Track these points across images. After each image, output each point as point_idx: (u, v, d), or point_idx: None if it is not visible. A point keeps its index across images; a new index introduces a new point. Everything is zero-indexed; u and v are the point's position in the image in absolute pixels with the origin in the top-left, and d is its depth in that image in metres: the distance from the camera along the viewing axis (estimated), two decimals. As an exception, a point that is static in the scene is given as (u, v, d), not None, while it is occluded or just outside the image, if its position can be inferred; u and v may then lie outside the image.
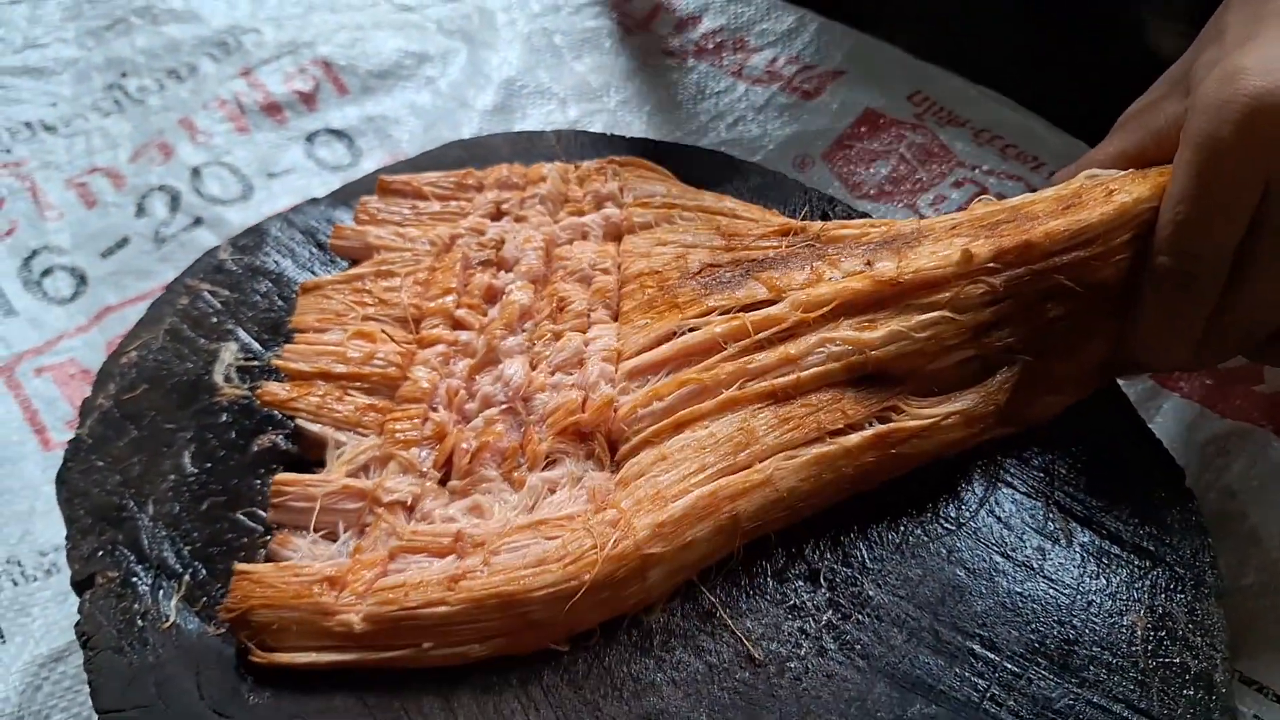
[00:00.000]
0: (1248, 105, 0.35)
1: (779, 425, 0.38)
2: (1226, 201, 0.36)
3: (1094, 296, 0.40)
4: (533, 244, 0.47)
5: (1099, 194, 0.40)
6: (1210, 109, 0.36)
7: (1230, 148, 0.35)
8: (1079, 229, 0.40)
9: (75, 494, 0.41)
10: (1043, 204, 0.41)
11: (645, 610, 0.37)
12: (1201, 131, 0.36)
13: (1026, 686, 0.35)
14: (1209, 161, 0.36)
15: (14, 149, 0.64)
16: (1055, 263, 0.40)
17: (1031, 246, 0.39)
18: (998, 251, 0.40)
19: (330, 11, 0.75)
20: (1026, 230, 0.40)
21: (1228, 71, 0.36)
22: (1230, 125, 0.35)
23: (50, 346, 0.56)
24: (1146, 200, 0.39)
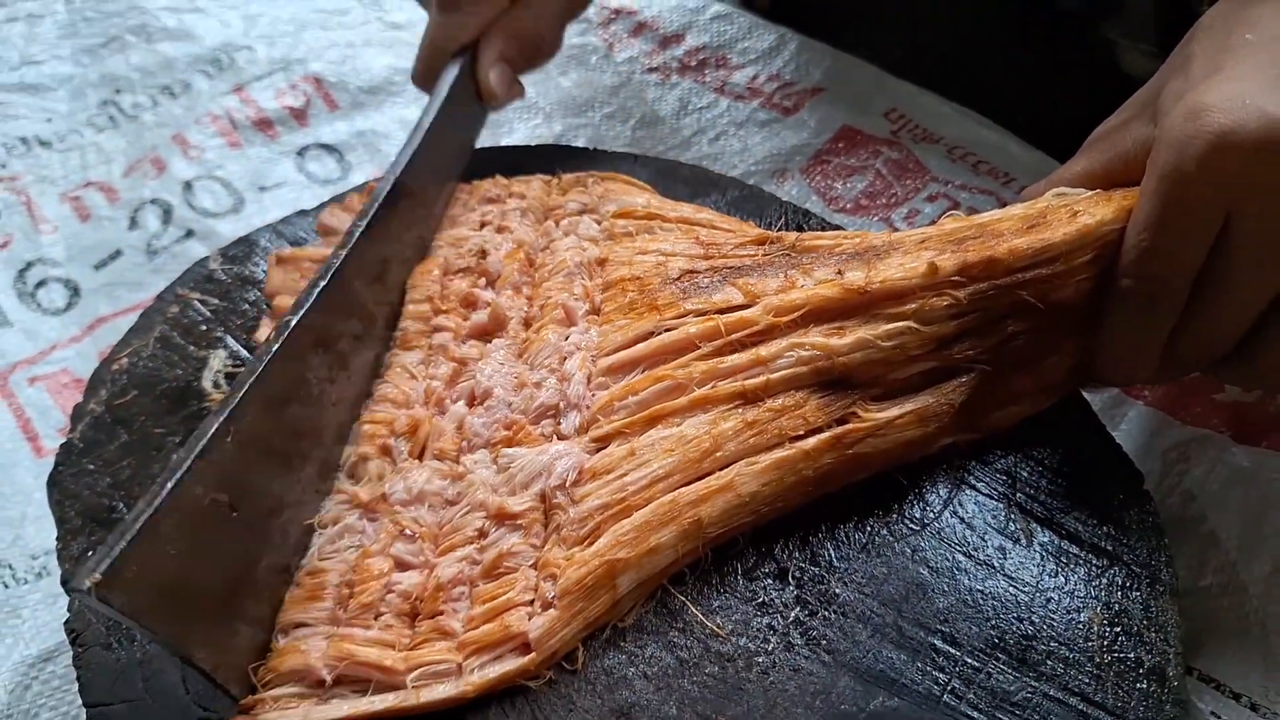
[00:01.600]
0: (1211, 141, 0.36)
1: (744, 430, 0.40)
2: (1188, 230, 0.37)
3: (1055, 314, 0.41)
4: (515, 256, 0.48)
5: (1064, 214, 0.42)
6: (1176, 143, 0.37)
7: (1194, 180, 0.36)
8: (1042, 247, 0.41)
9: (66, 496, 0.42)
10: (1009, 222, 0.43)
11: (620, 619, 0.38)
12: (1167, 164, 0.37)
13: (986, 680, 0.36)
14: (1173, 192, 0.37)
15: (10, 164, 0.66)
16: (1018, 279, 0.41)
17: (995, 262, 0.41)
18: (962, 266, 0.41)
19: (322, 29, 0.76)
20: (991, 246, 0.41)
21: (1193, 107, 0.37)
22: (1194, 160, 0.36)
23: (43, 356, 0.57)
24: (1109, 223, 0.41)
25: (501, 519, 0.39)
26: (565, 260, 0.47)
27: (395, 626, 0.37)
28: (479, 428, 0.42)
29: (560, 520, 0.38)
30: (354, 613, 0.37)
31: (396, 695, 0.35)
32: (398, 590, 0.38)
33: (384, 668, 0.36)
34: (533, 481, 0.39)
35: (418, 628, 0.37)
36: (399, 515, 0.39)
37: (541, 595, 0.37)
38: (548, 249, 0.49)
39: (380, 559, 0.38)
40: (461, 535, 0.39)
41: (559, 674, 0.36)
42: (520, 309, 0.46)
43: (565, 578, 0.37)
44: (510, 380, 0.43)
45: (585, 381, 0.42)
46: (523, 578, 0.37)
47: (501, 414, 0.42)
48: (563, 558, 0.37)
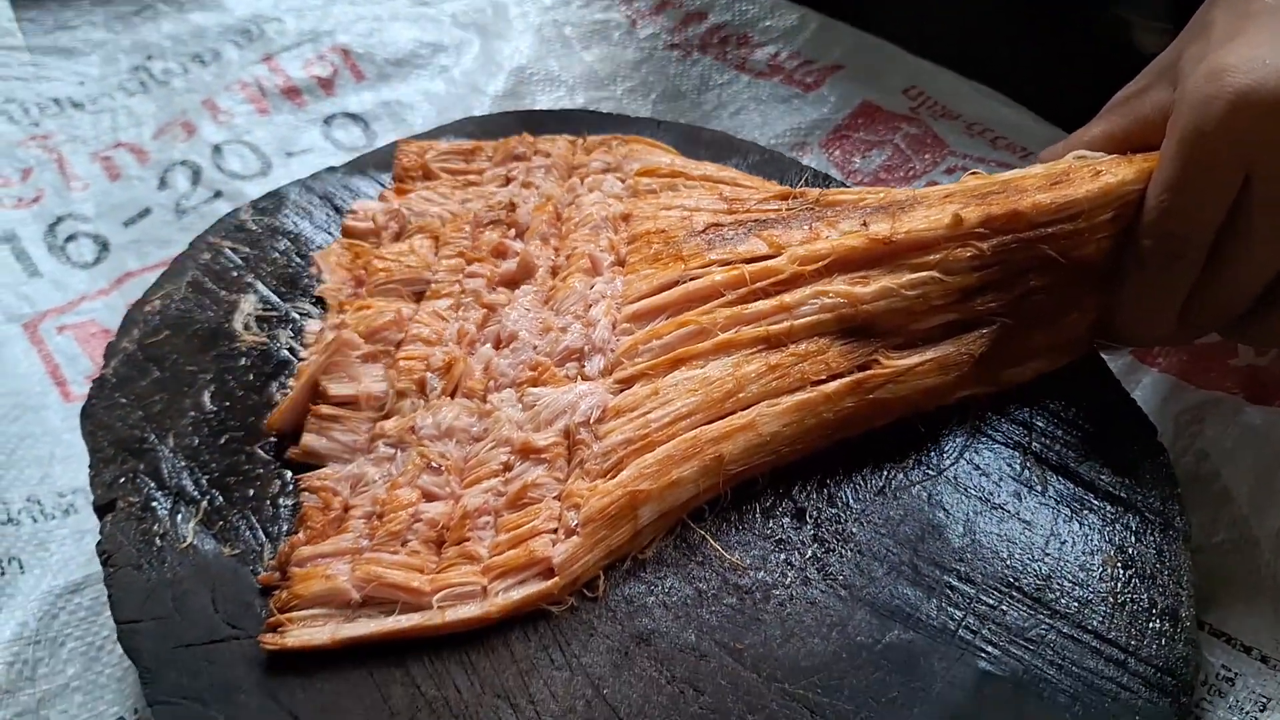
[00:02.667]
0: (1231, 101, 0.37)
1: (767, 373, 0.40)
2: (1209, 190, 0.38)
3: (1076, 270, 0.42)
4: (543, 209, 0.49)
5: (1086, 174, 0.42)
6: (1197, 104, 0.38)
7: (1214, 140, 0.37)
8: (1065, 203, 0.42)
9: (99, 427, 0.43)
10: (1032, 179, 0.43)
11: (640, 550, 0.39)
12: (1188, 125, 0.38)
13: (1001, 617, 0.37)
14: (1194, 153, 0.38)
15: (42, 123, 0.67)
16: (1041, 233, 0.42)
17: (1019, 216, 0.42)
18: (986, 218, 0.42)
19: (350, 4, 0.77)
20: (1015, 201, 0.42)
21: (1213, 69, 0.38)
22: (1215, 120, 0.37)
23: (72, 307, 0.58)
24: (1131, 183, 0.41)
25: (526, 453, 0.40)
26: (591, 214, 0.48)
27: (422, 553, 0.38)
28: (505, 368, 0.43)
29: (584, 455, 0.39)
30: (381, 540, 0.38)
31: (422, 615, 0.36)
32: (424, 519, 0.39)
33: (411, 589, 0.36)
34: (557, 418, 0.40)
35: (444, 554, 0.38)
36: (426, 449, 0.40)
37: (565, 524, 0.37)
38: (573, 204, 0.50)
39: (408, 490, 0.39)
40: (487, 469, 0.40)
41: (580, 601, 0.37)
42: (548, 259, 0.47)
43: (589, 506, 0.37)
44: (536, 325, 0.44)
45: (610, 327, 0.43)
46: (546, 508, 0.38)
47: (527, 356, 0.43)
48: (586, 488, 0.38)
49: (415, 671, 0.35)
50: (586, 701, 0.35)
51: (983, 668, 0.35)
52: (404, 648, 0.36)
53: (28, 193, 0.63)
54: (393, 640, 0.36)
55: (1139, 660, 0.36)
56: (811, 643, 0.36)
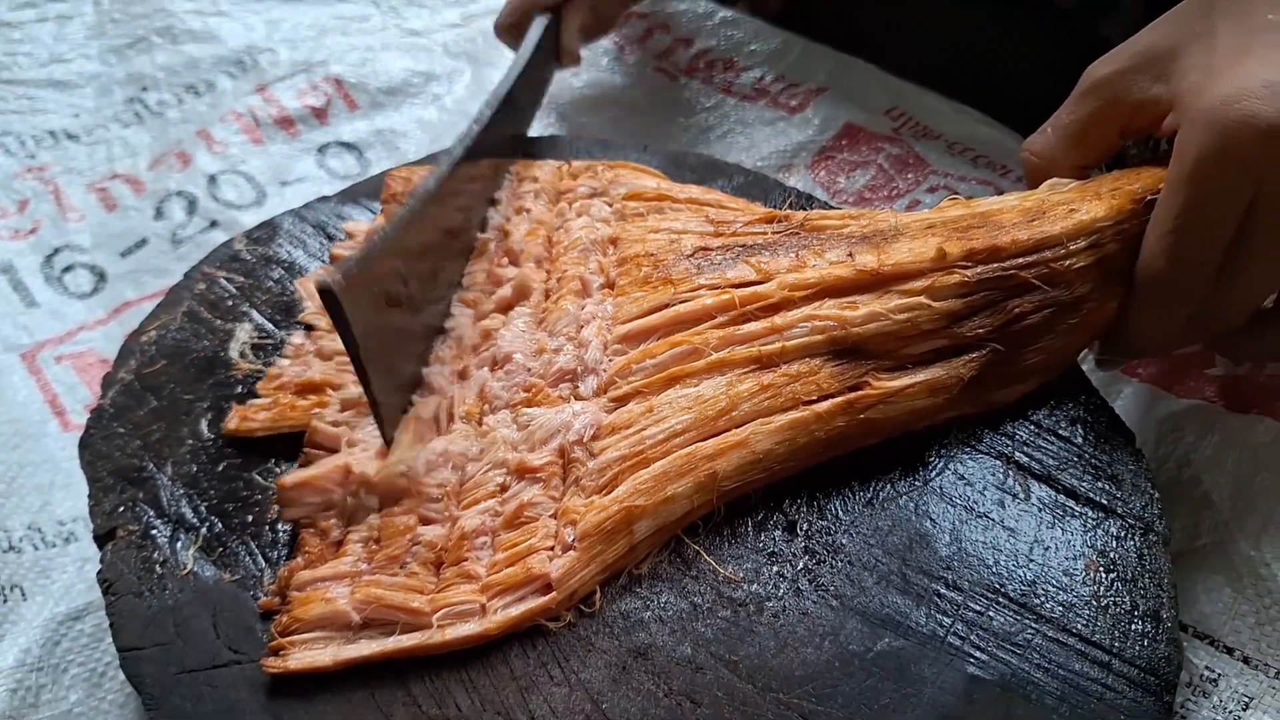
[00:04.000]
0: (1247, 129, 0.37)
1: (760, 392, 0.41)
2: (1220, 213, 0.39)
3: (1058, 295, 0.43)
4: (535, 234, 0.50)
5: (1062, 210, 0.44)
6: (1212, 130, 0.38)
7: (1228, 166, 0.38)
8: (1042, 238, 0.43)
9: (97, 457, 0.44)
10: (1009, 213, 0.45)
11: (636, 565, 0.39)
12: (1203, 150, 0.38)
13: (988, 622, 0.37)
14: (1208, 178, 0.39)
15: (38, 155, 0.68)
16: (1021, 262, 0.43)
17: (999, 250, 0.43)
18: (968, 252, 0.43)
19: (342, 35, 0.79)
20: (995, 236, 0.43)
21: (1228, 94, 0.38)
22: (1230, 147, 0.38)
23: (70, 337, 0.59)
24: (1103, 219, 0.43)
25: (522, 474, 0.40)
26: (580, 238, 0.49)
27: (420, 574, 0.38)
28: (499, 390, 0.43)
29: (579, 473, 0.40)
30: (380, 564, 0.39)
31: (422, 634, 0.37)
32: (422, 542, 0.39)
33: (410, 609, 0.37)
34: (552, 438, 0.41)
35: (442, 575, 0.38)
36: (424, 480, 0.41)
37: (561, 540, 0.38)
38: (562, 228, 0.50)
39: (405, 516, 0.40)
40: (484, 490, 0.40)
41: (578, 617, 0.38)
42: (541, 281, 0.48)
43: (585, 522, 0.38)
44: (530, 346, 0.45)
45: (602, 348, 0.44)
46: (543, 526, 0.39)
47: (521, 378, 0.44)
48: (582, 505, 0.39)
49: (416, 691, 0.36)
50: (586, 716, 0.35)
51: (971, 672, 0.36)
52: (405, 668, 0.37)
53: (25, 224, 0.64)
54: (394, 660, 0.37)
55: (1123, 661, 0.36)
56: (805, 652, 0.37)
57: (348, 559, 0.39)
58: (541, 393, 0.43)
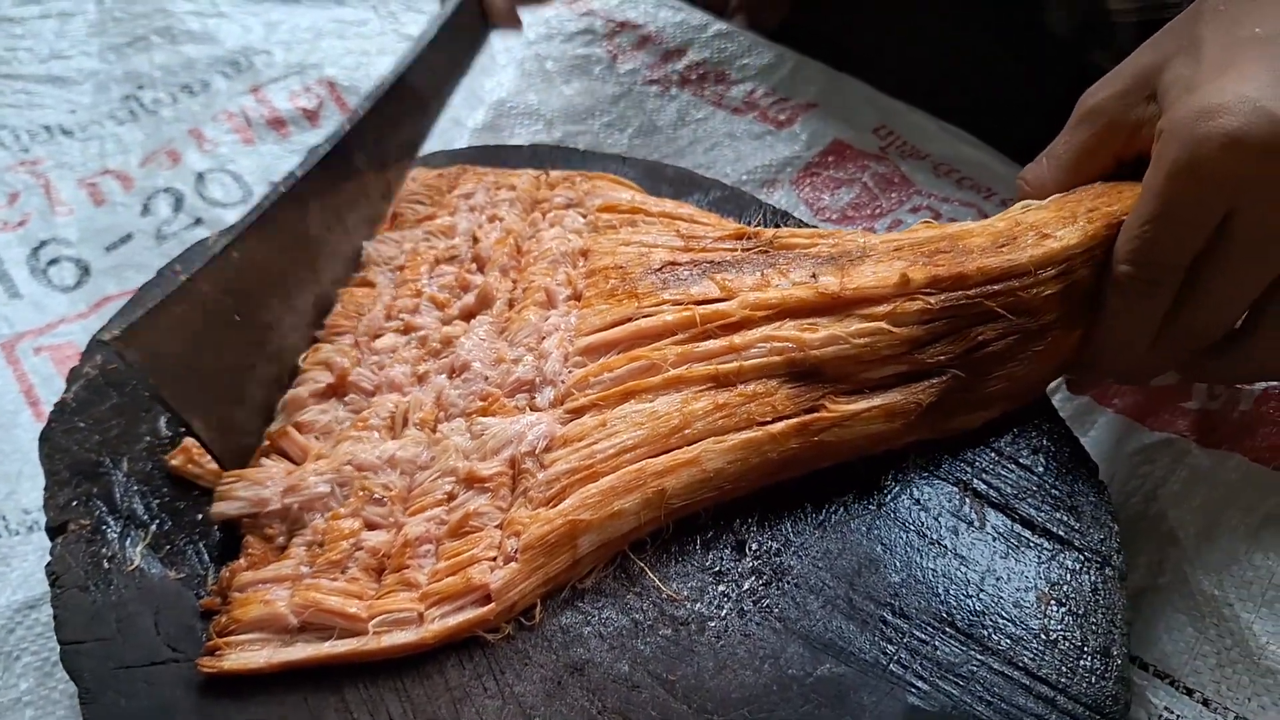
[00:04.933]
0: (1222, 143, 0.37)
1: (714, 411, 0.41)
2: (1191, 224, 0.39)
3: (1023, 323, 0.43)
4: (504, 242, 0.50)
5: (1032, 237, 0.43)
6: (1187, 142, 0.38)
7: (1201, 179, 0.38)
8: (1010, 266, 0.42)
9: (56, 450, 0.44)
10: (979, 238, 0.44)
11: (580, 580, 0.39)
12: (1177, 161, 0.38)
13: (932, 652, 0.37)
14: (1181, 189, 0.38)
15: (32, 149, 0.68)
16: (987, 290, 0.42)
17: (965, 278, 0.42)
18: (933, 279, 0.42)
19: (338, 38, 0.79)
20: (961, 264, 0.43)
21: (1206, 107, 0.38)
22: (1204, 159, 0.37)
23: (50, 329, 0.59)
24: (1074, 248, 0.42)
25: (471, 483, 0.40)
26: (550, 249, 0.49)
27: (361, 580, 0.38)
28: (455, 398, 0.43)
29: (528, 484, 0.40)
30: (321, 568, 0.39)
31: (358, 640, 0.36)
32: (366, 547, 0.39)
33: (348, 615, 0.37)
34: (504, 448, 0.41)
35: (383, 582, 0.38)
36: (370, 480, 0.41)
37: (504, 551, 0.38)
38: (534, 238, 0.50)
39: (350, 520, 0.40)
40: (431, 498, 0.40)
41: (517, 630, 0.37)
42: (506, 291, 0.48)
43: (528, 534, 0.38)
44: (489, 355, 0.44)
45: (562, 360, 0.44)
46: (487, 536, 0.39)
47: (478, 386, 0.43)
48: (527, 516, 0.38)
49: (350, 698, 0.36)
50: (516, 730, 0.35)
51: (912, 702, 0.35)
52: (339, 674, 0.36)
53: (13, 216, 0.64)
54: (329, 666, 0.36)
55: (1068, 698, 0.36)
56: (744, 675, 0.36)
57: (290, 562, 0.39)
58: (498, 402, 0.42)
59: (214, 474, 0.42)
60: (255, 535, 0.40)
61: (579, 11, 0.80)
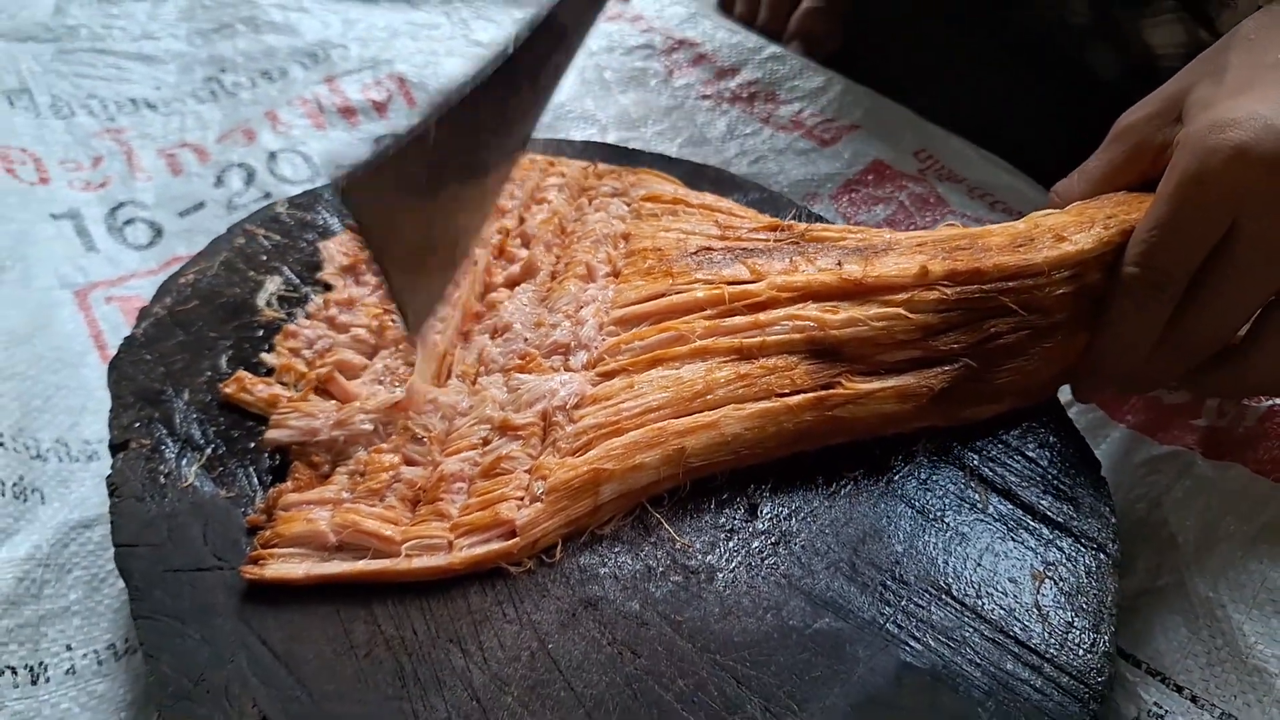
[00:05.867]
0: (1230, 155, 0.39)
1: (736, 381, 0.43)
2: (1197, 231, 0.41)
3: (1035, 319, 0.45)
4: (550, 222, 0.53)
5: (1049, 239, 0.45)
6: (1198, 152, 0.40)
7: (1209, 188, 0.40)
8: (1025, 265, 0.45)
9: (123, 378, 0.47)
10: (998, 238, 0.46)
11: (599, 526, 0.42)
12: (1187, 170, 0.41)
13: (928, 616, 0.39)
14: (1189, 197, 0.41)
15: (118, 119, 0.73)
16: (1001, 287, 0.45)
17: (981, 273, 0.45)
18: (951, 271, 0.45)
19: (411, 39, 0.83)
20: (979, 259, 0.45)
21: (1218, 121, 0.40)
22: (1213, 169, 0.40)
23: (122, 282, 0.63)
24: (1089, 251, 0.44)
25: (505, 430, 0.43)
26: (594, 230, 0.52)
27: (397, 508, 0.41)
28: (496, 355, 0.46)
29: (557, 435, 0.42)
30: (360, 495, 0.41)
31: (391, 560, 0.39)
32: (403, 479, 0.42)
33: (382, 536, 0.39)
34: (537, 402, 0.43)
35: (417, 512, 0.41)
36: (412, 421, 0.44)
37: (531, 493, 0.40)
38: (579, 220, 0.53)
39: (390, 454, 0.43)
40: (466, 441, 0.43)
41: (538, 566, 0.40)
42: (549, 264, 0.51)
43: (554, 477, 0.40)
44: (530, 319, 0.47)
45: (597, 328, 0.46)
46: (517, 479, 0.41)
47: (517, 346, 0.46)
48: (554, 463, 0.41)
49: (378, 612, 0.38)
50: (531, 653, 0.37)
51: (904, 659, 0.37)
52: (370, 591, 0.39)
53: (96, 178, 0.69)
54: (360, 585, 0.39)
55: (1055, 667, 0.37)
56: (746, 622, 0.38)
57: (333, 487, 0.42)
58: (534, 361, 0.45)
59: (264, 402, 0.45)
60: (303, 462, 0.43)
61: (640, 28, 0.83)
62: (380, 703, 0.36)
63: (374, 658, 0.37)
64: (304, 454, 0.43)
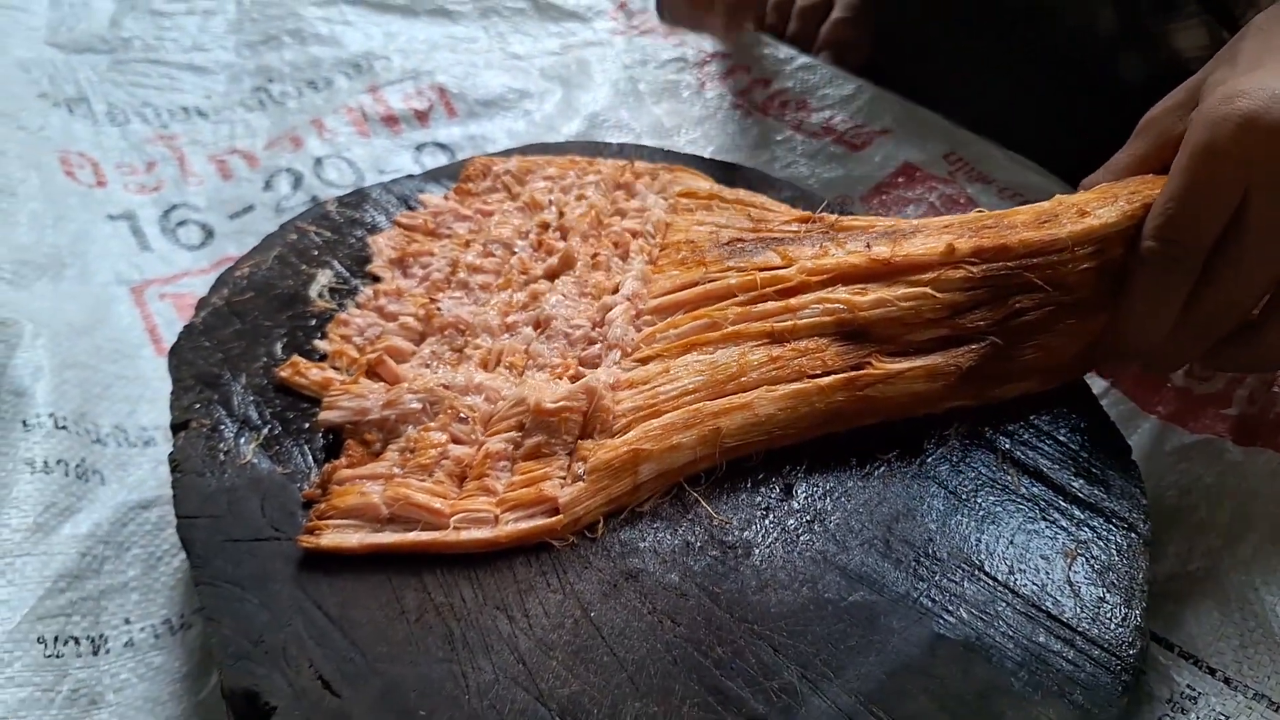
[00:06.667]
0: (1239, 123, 0.40)
1: (768, 363, 0.45)
2: (1211, 201, 0.42)
3: (1060, 295, 0.46)
4: (587, 215, 0.55)
5: (1074, 214, 0.46)
6: (1209, 123, 0.42)
7: (1220, 157, 0.41)
8: (1050, 240, 0.46)
9: (183, 363, 0.49)
10: (1024, 215, 0.47)
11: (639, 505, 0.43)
12: (1199, 141, 0.42)
13: (962, 591, 0.40)
14: (1202, 167, 0.42)
15: (170, 126, 0.76)
16: (1027, 263, 0.46)
17: (1007, 249, 0.46)
18: (977, 249, 0.46)
19: (451, 51, 0.86)
20: (1004, 236, 0.46)
21: (1228, 93, 0.42)
22: (1223, 138, 0.41)
23: (175, 279, 0.65)
24: (1114, 225, 0.45)
25: (543, 416, 0.44)
26: (630, 223, 0.54)
27: (445, 484, 0.43)
28: (544, 352, 0.48)
29: (597, 421, 0.44)
30: (410, 470, 0.43)
31: (440, 532, 0.41)
32: (451, 456, 0.43)
33: (432, 509, 0.41)
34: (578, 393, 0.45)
35: (464, 487, 0.42)
36: (458, 400, 0.45)
37: (573, 473, 0.42)
38: (616, 213, 0.55)
39: (439, 433, 0.44)
40: (508, 423, 0.44)
41: (580, 540, 0.41)
42: (587, 255, 0.52)
43: (595, 458, 0.42)
44: (570, 310, 0.49)
45: (634, 316, 0.48)
46: (559, 459, 0.43)
47: (560, 343, 0.48)
48: (593, 445, 0.42)
49: (428, 580, 0.40)
50: (575, 620, 0.38)
51: (938, 630, 0.38)
52: (420, 561, 0.40)
53: (150, 181, 0.71)
54: (411, 556, 0.41)
55: (1087, 640, 0.38)
56: (783, 594, 0.39)
57: (384, 463, 0.43)
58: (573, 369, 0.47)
59: (317, 385, 0.47)
60: (355, 440, 0.44)
61: (673, 42, 0.86)
62: (430, 664, 0.37)
63: (424, 623, 0.39)
64: (356, 433, 0.45)
